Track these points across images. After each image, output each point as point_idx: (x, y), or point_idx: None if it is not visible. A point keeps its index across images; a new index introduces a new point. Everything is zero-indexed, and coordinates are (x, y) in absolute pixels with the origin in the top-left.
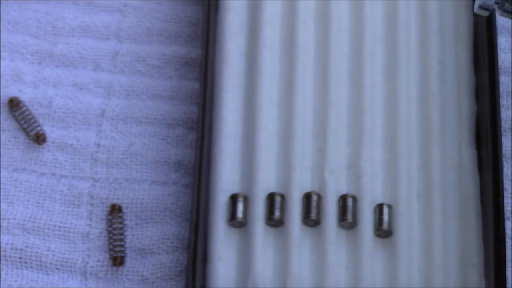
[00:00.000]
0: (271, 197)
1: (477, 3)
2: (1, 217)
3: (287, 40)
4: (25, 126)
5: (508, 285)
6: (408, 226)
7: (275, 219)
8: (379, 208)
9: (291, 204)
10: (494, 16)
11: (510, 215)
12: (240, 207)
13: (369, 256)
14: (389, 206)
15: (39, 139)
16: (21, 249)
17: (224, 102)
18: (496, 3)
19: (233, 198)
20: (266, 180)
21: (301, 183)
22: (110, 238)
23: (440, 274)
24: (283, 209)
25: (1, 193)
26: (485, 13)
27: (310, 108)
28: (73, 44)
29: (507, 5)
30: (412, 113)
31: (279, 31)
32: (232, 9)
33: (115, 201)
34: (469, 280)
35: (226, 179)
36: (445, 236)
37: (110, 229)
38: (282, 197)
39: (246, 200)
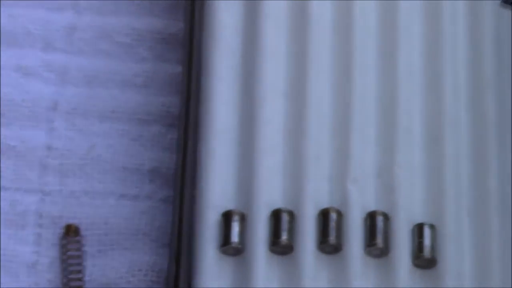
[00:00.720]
0: (276, 215)
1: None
2: None
3: (298, 9)
4: None
5: None
6: (456, 253)
7: (281, 243)
8: (419, 229)
9: (303, 224)
10: None
11: None
12: (235, 228)
13: None
14: (432, 227)
15: None
16: None
17: (215, 91)
18: None
19: (227, 217)
20: (270, 193)
21: (315, 197)
22: (64, 269)
23: None
24: (292, 230)
25: None
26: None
27: (328, 99)
28: (17, 16)
29: None
30: (460, 106)
31: (285, 2)
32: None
33: (70, 221)
34: None
35: (218, 191)
36: (503, 264)
37: (64, 257)
38: (291, 215)
39: (243, 219)
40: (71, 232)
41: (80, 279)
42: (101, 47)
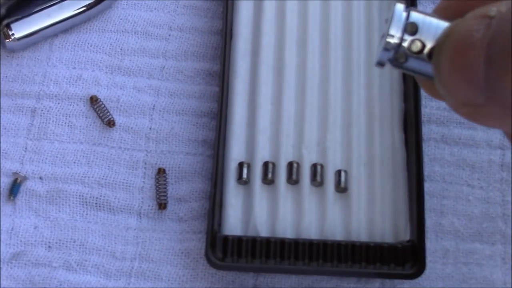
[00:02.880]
0: (265, 164)
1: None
2: (83, 175)
3: (278, 59)
4: (101, 115)
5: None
6: (357, 186)
7: (268, 179)
8: (338, 173)
9: (279, 169)
10: None
11: (426, 178)
12: (245, 170)
13: (332, 206)
14: (345, 172)
15: (110, 123)
16: (96, 197)
17: (234, 101)
18: (389, 60)
19: (240, 165)
20: (262, 153)
21: (286, 155)
22: (157, 190)
23: (379, 218)
24: (273, 172)
25: (84, 160)
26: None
27: (292, 105)
28: (134, 60)
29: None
30: (361, 109)
31: (273, 56)
32: (240, 39)
33: (161, 166)
34: (399, 222)
35: (235, 152)
36: (383, 193)
37: (157, 184)
38: (273, 164)
39: (249, 166)
40: (161, 172)
41: (165, 196)
42: (178, 77)
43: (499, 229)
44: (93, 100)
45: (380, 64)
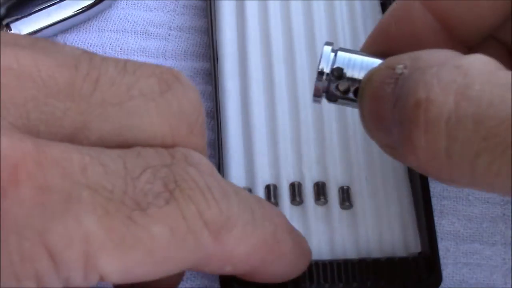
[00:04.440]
0: (267, 188)
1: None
2: None
3: (267, 79)
4: None
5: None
6: (362, 201)
7: (272, 203)
8: (341, 189)
9: (282, 191)
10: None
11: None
12: None
13: (339, 224)
14: (348, 187)
15: None
16: None
17: (229, 126)
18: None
19: None
20: (263, 176)
21: (287, 176)
22: None
23: (388, 232)
24: (276, 195)
25: None
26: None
27: (288, 127)
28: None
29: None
30: (356, 122)
31: (262, 76)
32: (227, 60)
33: None
34: (408, 234)
35: (235, 178)
36: (388, 205)
37: None
38: (275, 186)
39: (250, 191)
40: None
41: None
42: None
43: (499, 229)
44: None
45: (317, 101)
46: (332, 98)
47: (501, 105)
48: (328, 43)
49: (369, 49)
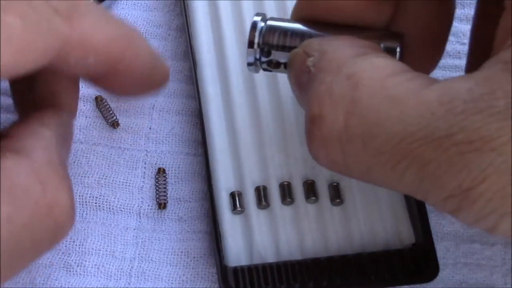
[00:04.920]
0: (257, 189)
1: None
2: (83, 175)
3: (248, 83)
4: (106, 115)
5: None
6: (352, 196)
7: (263, 204)
8: (331, 186)
9: (272, 192)
10: None
11: None
12: (237, 200)
13: (330, 220)
14: (337, 183)
15: (114, 125)
16: (96, 197)
17: (213, 130)
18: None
19: (232, 195)
20: (252, 178)
21: (276, 176)
22: (157, 190)
23: (380, 225)
24: (267, 196)
25: (83, 159)
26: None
27: (272, 128)
28: None
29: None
30: None
31: (241, 78)
32: (205, 65)
33: (161, 166)
34: (401, 226)
35: (224, 181)
36: (378, 198)
37: (157, 184)
38: (265, 187)
39: (240, 194)
40: (160, 171)
41: (165, 196)
42: (178, 77)
43: None
44: (99, 100)
45: (252, 70)
46: (266, 69)
47: (386, 123)
48: (258, 14)
49: (297, 15)
